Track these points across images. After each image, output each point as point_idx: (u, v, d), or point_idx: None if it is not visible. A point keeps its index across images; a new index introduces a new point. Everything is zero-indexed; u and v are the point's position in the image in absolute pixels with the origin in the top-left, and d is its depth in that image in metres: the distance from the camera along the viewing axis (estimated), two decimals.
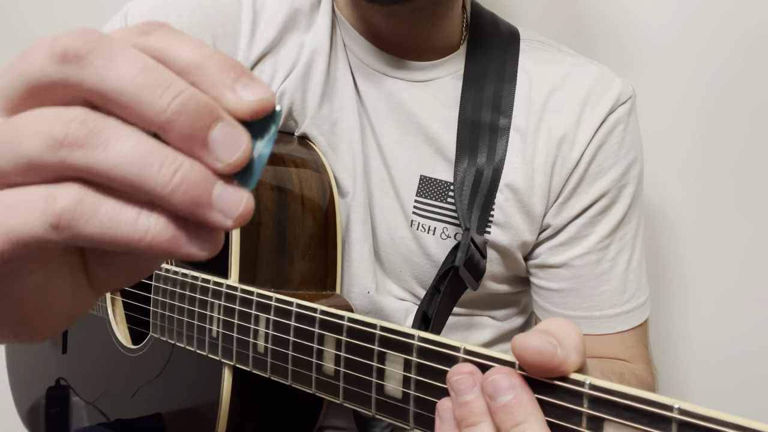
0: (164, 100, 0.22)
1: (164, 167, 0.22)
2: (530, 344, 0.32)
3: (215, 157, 0.23)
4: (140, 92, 0.22)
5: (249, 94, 0.23)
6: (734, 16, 0.85)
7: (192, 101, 0.22)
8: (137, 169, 0.22)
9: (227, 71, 0.23)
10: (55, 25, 1.09)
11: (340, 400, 0.45)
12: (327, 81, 0.66)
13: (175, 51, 0.23)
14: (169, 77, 0.22)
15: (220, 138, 0.23)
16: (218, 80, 0.23)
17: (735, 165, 0.87)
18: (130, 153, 0.22)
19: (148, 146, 0.22)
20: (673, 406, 0.30)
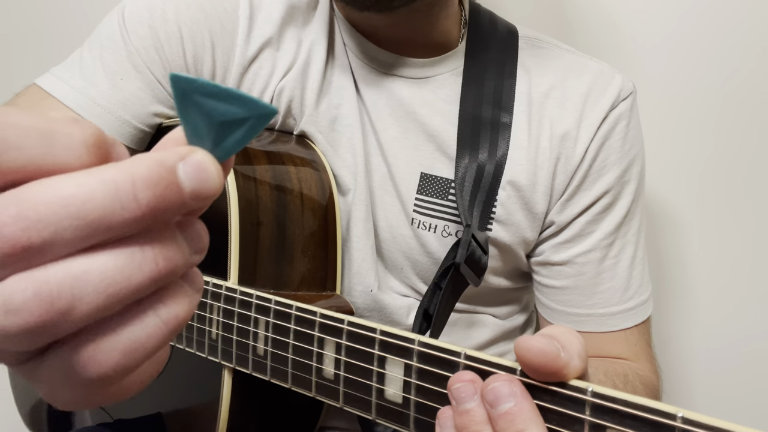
0: (128, 207, 0.20)
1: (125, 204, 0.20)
2: (534, 345, 0.32)
3: (189, 198, 0.22)
4: (101, 219, 0.20)
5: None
6: (736, 10, 0.84)
7: (150, 183, 0.21)
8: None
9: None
10: (55, 23, 1.08)
11: (340, 403, 0.44)
12: (324, 78, 0.66)
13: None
14: (109, 181, 0.20)
15: (190, 180, 0.21)
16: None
17: (737, 163, 0.87)
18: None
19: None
20: (677, 414, 0.29)
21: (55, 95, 0.62)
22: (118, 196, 0.20)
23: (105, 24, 0.67)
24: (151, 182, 0.20)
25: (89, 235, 0.20)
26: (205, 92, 0.21)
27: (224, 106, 0.21)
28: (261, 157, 0.62)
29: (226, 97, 0.21)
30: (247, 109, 0.22)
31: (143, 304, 0.23)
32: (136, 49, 0.63)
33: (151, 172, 0.20)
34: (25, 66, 1.11)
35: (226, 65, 0.65)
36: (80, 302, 0.20)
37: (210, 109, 0.21)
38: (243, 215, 0.57)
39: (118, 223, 0.20)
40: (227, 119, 0.22)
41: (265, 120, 0.22)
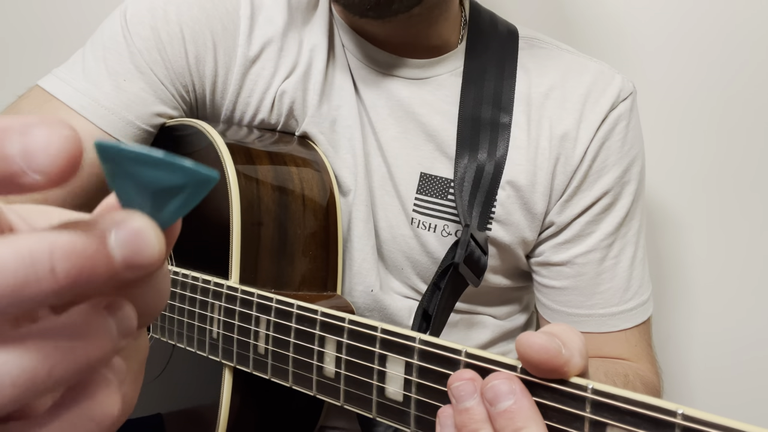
0: (44, 279, 0.18)
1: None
2: (536, 341, 0.32)
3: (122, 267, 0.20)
4: (13, 292, 0.18)
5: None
6: (738, 12, 0.84)
7: (72, 252, 0.19)
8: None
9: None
10: (54, 23, 1.08)
11: (340, 402, 0.44)
12: (326, 80, 0.66)
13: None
14: (24, 250, 0.18)
15: (124, 249, 0.19)
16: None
17: (736, 164, 0.87)
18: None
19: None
20: (677, 411, 0.29)
21: (59, 97, 0.62)
22: (33, 268, 0.18)
23: (107, 25, 0.67)
24: (73, 252, 0.18)
25: (3, 309, 0.18)
26: (135, 160, 0.19)
27: (158, 174, 0.20)
28: (263, 157, 0.62)
29: (158, 164, 0.19)
30: (183, 177, 0.20)
31: (70, 400, 0.21)
32: (139, 50, 0.64)
33: (74, 241, 0.18)
34: (25, 67, 1.11)
35: (227, 65, 0.66)
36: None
37: (143, 177, 0.20)
38: (245, 215, 0.57)
39: (34, 296, 0.18)
40: (163, 187, 0.20)
41: (205, 186, 0.20)
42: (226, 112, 0.67)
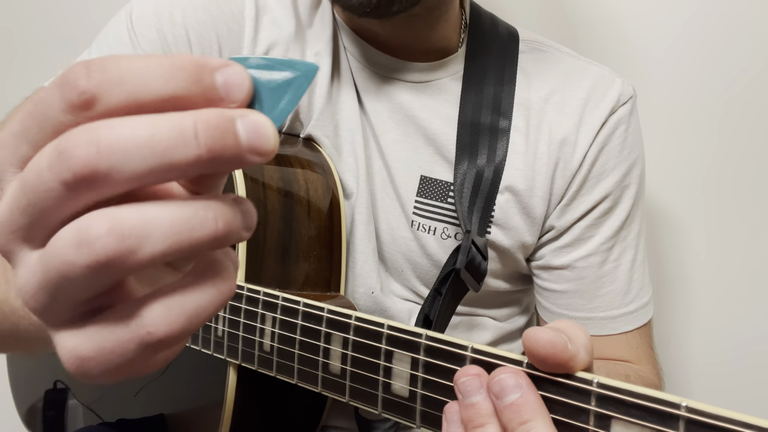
0: (190, 144, 0.22)
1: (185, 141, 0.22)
2: (542, 336, 0.32)
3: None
4: (165, 152, 0.21)
5: (230, 86, 0.23)
6: (740, 15, 0.85)
7: (210, 126, 0.22)
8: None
9: (199, 75, 0.23)
10: (57, 24, 1.09)
11: (346, 398, 0.45)
12: (331, 84, 0.67)
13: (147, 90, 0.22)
14: (175, 120, 0.22)
15: (247, 134, 0.23)
16: (203, 89, 0.23)
17: (736, 165, 0.88)
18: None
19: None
20: (681, 404, 0.30)
21: None
22: (181, 134, 0.21)
23: (112, 26, 0.67)
24: (211, 125, 0.22)
25: (153, 170, 0.21)
26: (256, 65, 0.24)
27: (272, 74, 0.24)
28: None
29: (273, 65, 0.24)
30: (292, 70, 0.24)
31: (203, 273, 0.24)
32: (144, 51, 0.64)
33: (212, 118, 0.22)
34: (29, 69, 1.11)
35: None
36: (147, 244, 0.21)
37: (263, 78, 0.24)
38: None
39: (180, 162, 0.21)
40: (277, 84, 0.24)
41: (310, 77, 0.24)
42: None
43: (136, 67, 0.22)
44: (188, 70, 0.22)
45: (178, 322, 0.23)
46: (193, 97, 0.22)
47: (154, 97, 0.22)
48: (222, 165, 0.22)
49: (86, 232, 0.21)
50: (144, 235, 0.21)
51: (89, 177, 0.21)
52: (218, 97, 0.22)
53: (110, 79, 0.21)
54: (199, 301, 0.24)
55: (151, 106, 0.22)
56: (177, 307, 0.23)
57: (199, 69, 0.22)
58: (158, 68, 0.22)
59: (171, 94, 0.22)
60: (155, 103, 0.22)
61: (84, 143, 0.21)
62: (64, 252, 0.21)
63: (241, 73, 0.23)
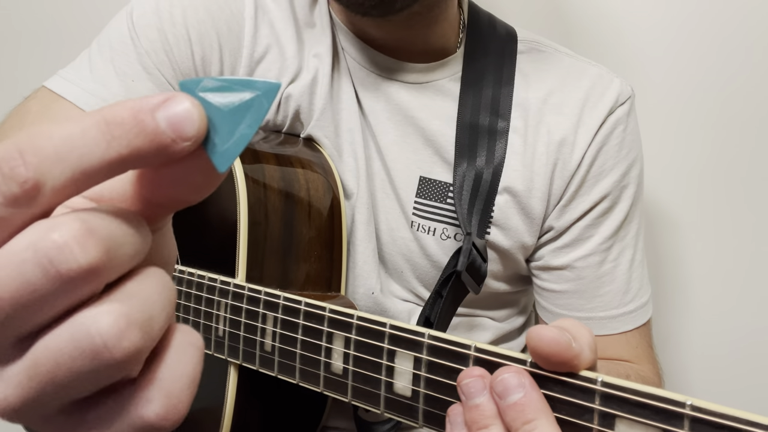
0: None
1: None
2: (547, 334, 0.32)
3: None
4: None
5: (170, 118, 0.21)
6: (736, 13, 0.85)
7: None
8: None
9: (139, 124, 0.21)
10: (57, 23, 1.09)
11: (348, 398, 0.45)
12: (332, 85, 0.67)
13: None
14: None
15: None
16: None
17: (735, 164, 0.88)
18: None
19: None
20: (686, 402, 0.30)
21: (67, 97, 0.62)
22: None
23: (113, 26, 0.67)
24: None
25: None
26: (211, 88, 0.22)
27: (230, 95, 0.22)
28: (270, 158, 0.63)
29: (230, 85, 0.22)
30: (251, 90, 0.22)
31: (169, 337, 0.23)
32: (146, 51, 0.64)
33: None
34: (32, 68, 1.11)
35: (233, 66, 0.66)
36: (156, 321, 0.21)
37: (217, 102, 0.22)
38: (251, 214, 0.57)
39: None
40: (234, 107, 0.22)
41: (271, 96, 0.23)
42: None
43: (70, 136, 0.20)
44: (127, 124, 0.20)
45: (183, 395, 0.22)
46: (143, 150, 0.20)
47: (101, 165, 0.20)
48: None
49: (99, 336, 0.20)
50: (151, 317, 0.21)
51: (92, 272, 0.20)
52: (168, 140, 0.20)
53: (49, 158, 0.19)
54: (187, 365, 0.23)
55: (99, 174, 0.20)
56: (173, 381, 0.22)
57: (137, 117, 0.20)
58: (95, 131, 0.20)
59: (117, 156, 0.20)
60: (103, 170, 0.20)
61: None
62: (73, 365, 0.20)
63: (184, 107, 0.21)
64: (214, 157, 0.22)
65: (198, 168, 0.22)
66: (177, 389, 0.22)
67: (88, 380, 0.20)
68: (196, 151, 0.22)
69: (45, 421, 0.22)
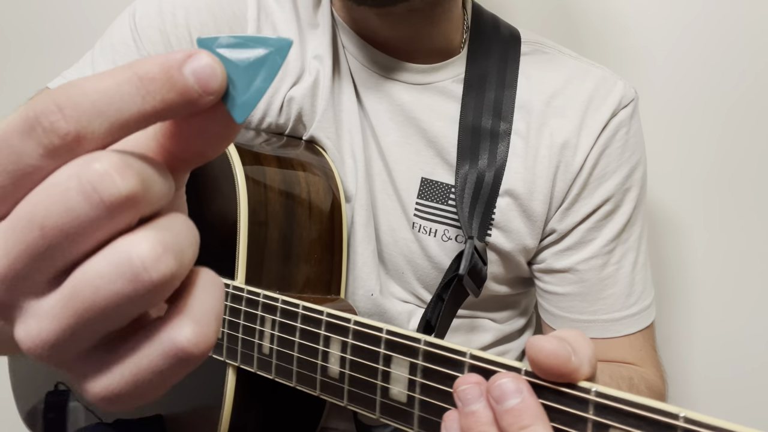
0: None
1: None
2: (546, 346, 0.32)
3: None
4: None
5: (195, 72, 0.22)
6: (742, 16, 0.85)
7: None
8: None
9: (170, 80, 0.22)
10: (61, 24, 1.09)
11: (344, 402, 0.45)
12: (332, 85, 0.67)
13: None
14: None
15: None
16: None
17: (738, 167, 0.87)
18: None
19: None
20: (679, 414, 0.30)
21: None
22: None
23: (116, 27, 0.67)
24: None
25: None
26: (227, 44, 0.23)
27: (245, 51, 0.23)
28: (271, 160, 0.63)
29: (245, 42, 0.23)
30: (264, 46, 0.23)
31: (193, 277, 0.24)
32: (148, 53, 0.64)
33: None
34: (34, 69, 1.11)
35: None
36: (187, 253, 0.22)
37: (234, 58, 0.23)
38: (252, 216, 0.57)
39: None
40: (249, 62, 0.23)
41: (283, 52, 0.23)
42: None
43: (106, 90, 0.21)
44: (159, 80, 0.21)
45: (211, 324, 0.23)
46: (174, 103, 0.21)
47: (138, 117, 0.21)
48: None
49: (139, 260, 0.20)
50: (183, 248, 0.22)
51: (130, 201, 0.20)
52: (196, 94, 0.22)
53: (87, 112, 0.20)
54: (211, 299, 0.24)
55: (135, 125, 0.21)
56: (201, 311, 0.23)
57: (167, 73, 0.21)
58: (129, 86, 0.21)
59: (152, 109, 0.21)
60: (139, 121, 0.21)
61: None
62: (113, 289, 0.20)
63: (208, 62, 0.22)
64: (233, 110, 0.23)
65: (218, 120, 0.23)
66: (206, 318, 0.23)
67: (125, 307, 0.21)
68: (216, 104, 0.23)
69: (79, 359, 0.22)
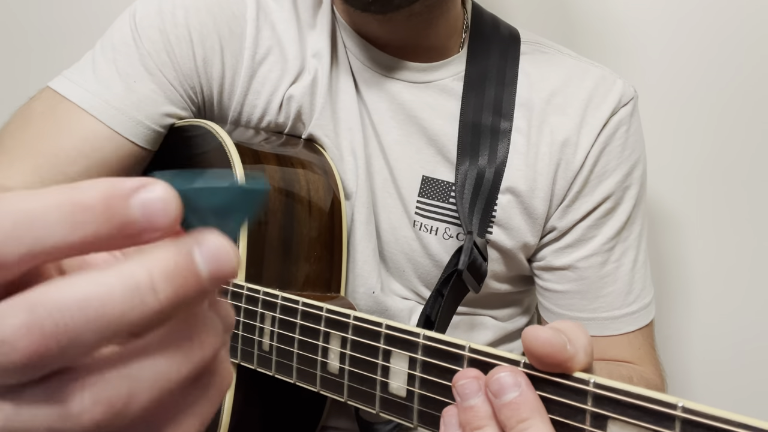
0: (149, 301, 0.20)
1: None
2: (541, 335, 0.32)
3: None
4: (121, 317, 0.19)
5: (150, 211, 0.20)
6: (737, 13, 0.85)
7: (168, 273, 0.20)
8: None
9: (109, 211, 0.19)
10: (61, 24, 1.09)
11: (344, 398, 0.45)
12: (330, 83, 0.67)
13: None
14: (127, 276, 0.20)
15: (209, 265, 0.20)
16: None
17: (737, 165, 0.87)
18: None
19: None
20: (677, 404, 0.30)
21: (71, 98, 0.63)
22: (138, 293, 0.19)
23: (116, 27, 0.68)
24: (169, 271, 0.20)
25: (111, 336, 0.19)
26: (186, 194, 0.21)
27: (210, 199, 0.21)
28: (270, 158, 0.63)
29: (205, 191, 0.21)
30: (231, 195, 0.21)
31: (203, 380, 0.23)
32: (148, 52, 0.64)
33: (169, 261, 0.20)
34: (35, 68, 1.12)
35: (234, 68, 0.66)
36: (137, 400, 0.20)
37: (197, 204, 0.21)
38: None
39: (139, 320, 0.19)
40: (219, 209, 0.21)
41: (257, 199, 0.22)
42: (234, 113, 0.68)
43: (31, 214, 0.19)
44: (95, 210, 0.19)
45: (115, 404, 0.20)
46: (111, 238, 0.20)
47: (61, 247, 0.19)
48: (184, 306, 0.20)
49: (78, 411, 0.19)
50: (132, 394, 0.20)
51: (36, 363, 0.18)
52: (139, 229, 0.20)
53: (3, 232, 0.18)
54: (199, 414, 0.23)
55: (63, 253, 0.19)
56: (116, 382, 0.20)
57: (108, 204, 0.19)
58: (59, 213, 0.19)
59: (80, 240, 0.19)
60: (63, 252, 0.19)
61: (25, 330, 0.18)
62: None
63: (162, 194, 0.20)
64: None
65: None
66: (109, 397, 0.21)
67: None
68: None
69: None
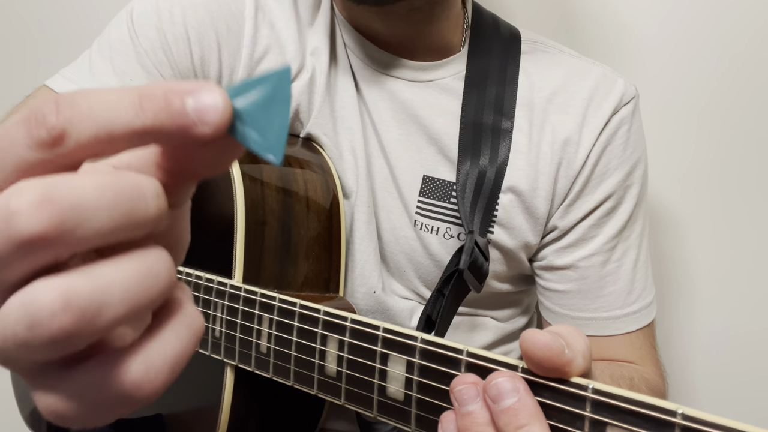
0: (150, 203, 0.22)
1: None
2: (540, 339, 0.32)
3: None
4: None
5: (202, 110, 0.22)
6: (738, 12, 0.84)
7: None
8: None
9: (168, 102, 0.22)
10: (59, 23, 1.09)
11: (341, 401, 0.45)
12: (328, 81, 0.67)
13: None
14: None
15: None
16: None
17: (739, 164, 0.87)
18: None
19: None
20: (677, 411, 0.29)
21: None
22: (139, 189, 0.22)
23: (114, 26, 0.67)
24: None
25: (116, 228, 0.21)
26: (233, 95, 0.23)
27: (250, 96, 0.23)
28: None
29: (245, 87, 0.23)
30: (264, 84, 0.23)
31: (168, 315, 0.24)
32: (145, 50, 0.64)
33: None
34: (31, 67, 1.11)
35: (232, 66, 0.66)
36: (105, 312, 0.21)
37: (242, 106, 0.23)
38: (249, 215, 0.57)
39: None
40: (260, 104, 0.23)
41: (285, 80, 0.23)
42: None
43: (106, 100, 0.21)
44: (157, 100, 0.21)
45: (160, 376, 0.23)
46: (165, 126, 0.21)
47: (125, 130, 0.21)
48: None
49: (36, 309, 0.20)
50: (101, 304, 0.20)
51: (42, 241, 0.20)
52: (190, 122, 0.21)
53: (80, 113, 0.21)
54: (175, 346, 0.23)
55: (122, 139, 0.21)
56: (158, 360, 0.23)
57: (167, 96, 0.21)
58: (127, 100, 0.21)
59: (141, 125, 0.21)
60: (126, 135, 0.21)
61: (36, 205, 0.19)
62: (15, 330, 0.20)
63: (214, 94, 0.22)
64: (266, 154, 0.23)
65: (225, 154, 0.23)
66: (160, 365, 0.23)
67: (27, 351, 0.21)
68: (226, 139, 0.23)
69: (33, 370, 0.23)
